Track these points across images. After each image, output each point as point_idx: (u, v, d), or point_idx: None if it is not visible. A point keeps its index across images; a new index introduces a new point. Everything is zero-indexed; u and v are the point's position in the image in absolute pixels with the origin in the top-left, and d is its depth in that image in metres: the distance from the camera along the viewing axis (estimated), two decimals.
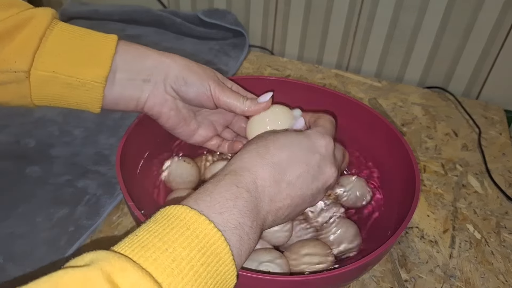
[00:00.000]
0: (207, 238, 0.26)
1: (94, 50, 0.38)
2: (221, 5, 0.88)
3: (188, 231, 0.26)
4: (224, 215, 0.28)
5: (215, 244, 0.26)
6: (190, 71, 0.40)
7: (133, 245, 0.25)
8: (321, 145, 0.36)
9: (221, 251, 0.26)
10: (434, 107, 0.72)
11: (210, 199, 0.29)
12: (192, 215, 0.27)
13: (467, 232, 0.50)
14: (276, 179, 0.33)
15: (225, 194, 0.30)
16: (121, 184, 0.38)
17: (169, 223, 0.26)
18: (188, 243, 0.25)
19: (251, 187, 0.31)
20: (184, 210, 0.27)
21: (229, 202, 0.29)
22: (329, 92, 0.54)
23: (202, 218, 0.27)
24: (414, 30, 0.75)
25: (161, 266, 0.24)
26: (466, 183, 0.57)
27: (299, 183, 0.34)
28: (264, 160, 0.33)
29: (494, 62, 0.74)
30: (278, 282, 0.33)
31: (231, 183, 0.31)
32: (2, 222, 0.46)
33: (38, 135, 0.58)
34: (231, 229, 0.28)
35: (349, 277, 0.37)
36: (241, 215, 0.29)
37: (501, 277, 0.45)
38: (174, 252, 0.25)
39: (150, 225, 0.26)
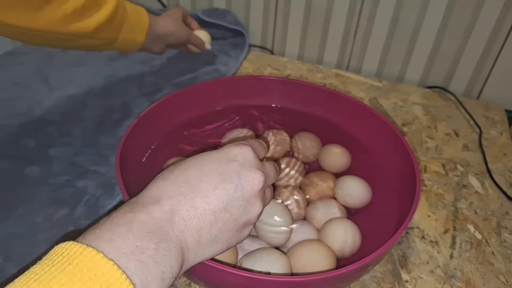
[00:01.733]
0: (95, 270, 0.22)
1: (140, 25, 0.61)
2: (221, 4, 0.88)
3: (70, 266, 0.22)
4: (115, 242, 0.24)
5: (105, 275, 0.22)
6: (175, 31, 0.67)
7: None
8: (236, 154, 0.32)
9: (115, 282, 0.22)
10: (434, 107, 0.72)
11: (99, 231, 0.25)
12: (77, 248, 0.23)
13: (468, 233, 0.50)
14: (185, 196, 0.29)
15: (117, 221, 0.26)
16: (120, 184, 0.38)
17: (50, 261, 0.23)
18: (68, 279, 0.21)
19: (151, 208, 0.27)
20: (69, 245, 0.23)
21: (121, 228, 0.25)
22: (329, 92, 0.54)
23: (88, 250, 0.23)
24: (415, 30, 0.75)
25: None
26: (466, 183, 0.57)
27: (217, 195, 0.30)
28: (167, 181, 0.30)
29: (494, 62, 0.74)
30: (278, 282, 0.33)
31: (126, 211, 0.27)
32: (1, 222, 0.46)
33: (38, 135, 0.58)
34: (126, 255, 0.24)
35: (350, 277, 0.37)
36: (139, 238, 0.25)
37: (501, 277, 0.45)
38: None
39: (30, 268, 0.23)
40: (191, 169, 0.31)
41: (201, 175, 0.30)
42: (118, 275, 0.23)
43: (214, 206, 0.30)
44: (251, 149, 0.33)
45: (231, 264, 0.38)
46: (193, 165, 0.31)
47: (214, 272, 0.32)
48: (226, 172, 0.31)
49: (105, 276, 0.22)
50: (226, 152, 0.33)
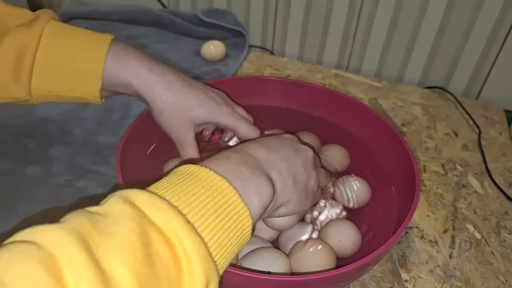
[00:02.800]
0: (209, 180, 0.29)
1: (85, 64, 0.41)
2: (221, 5, 0.88)
3: (192, 177, 0.29)
4: (220, 166, 0.31)
5: (217, 183, 0.29)
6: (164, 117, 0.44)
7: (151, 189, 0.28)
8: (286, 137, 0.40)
9: (225, 189, 0.29)
10: (434, 107, 0.72)
11: (205, 162, 0.32)
12: (195, 167, 0.30)
13: (467, 232, 0.50)
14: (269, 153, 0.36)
15: (219, 156, 0.33)
16: (120, 184, 0.38)
17: (177, 174, 0.30)
18: (192, 183, 0.28)
19: (242, 152, 0.34)
20: (189, 166, 0.30)
21: (222, 160, 0.32)
22: (329, 92, 0.54)
23: (203, 168, 0.30)
24: (414, 30, 0.75)
25: (172, 198, 0.26)
26: (466, 183, 0.57)
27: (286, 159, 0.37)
28: (255, 143, 0.37)
29: (494, 62, 0.74)
30: (278, 282, 0.33)
31: (222, 154, 0.34)
32: (2, 222, 0.46)
33: (38, 135, 0.58)
34: (230, 173, 0.30)
35: (349, 277, 0.37)
36: (237, 165, 0.32)
37: (501, 277, 0.45)
38: (179, 189, 0.27)
39: (163, 179, 0.30)
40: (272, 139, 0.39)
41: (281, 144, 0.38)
42: (226, 185, 0.29)
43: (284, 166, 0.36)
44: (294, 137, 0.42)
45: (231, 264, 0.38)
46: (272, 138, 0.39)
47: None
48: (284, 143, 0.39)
49: (218, 184, 0.29)
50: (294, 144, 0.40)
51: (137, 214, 0.24)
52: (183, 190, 0.27)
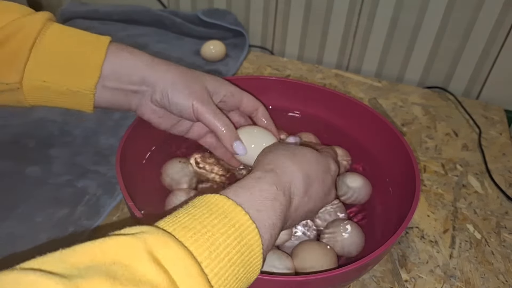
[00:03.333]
0: (243, 228, 0.27)
1: (84, 57, 0.39)
2: (221, 5, 0.88)
3: (226, 219, 0.27)
4: (261, 213, 0.30)
5: (249, 235, 0.28)
6: (175, 90, 0.40)
7: (174, 225, 0.26)
8: (333, 168, 0.39)
9: (253, 243, 0.28)
10: (434, 107, 0.72)
11: (250, 194, 0.31)
12: (229, 204, 0.28)
13: (467, 232, 0.50)
14: (305, 189, 0.35)
15: (265, 193, 0.31)
16: (121, 184, 0.38)
17: (208, 209, 0.28)
18: (225, 230, 0.27)
19: (286, 191, 0.33)
20: (222, 199, 0.29)
21: (267, 201, 0.31)
22: (329, 92, 0.54)
23: (238, 209, 0.28)
24: (414, 30, 0.75)
25: (201, 247, 0.25)
26: (466, 183, 0.57)
27: (315, 200, 0.37)
28: (298, 168, 0.35)
29: (494, 62, 0.74)
30: (278, 282, 0.33)
31: (272, 183, 0.32)
32: (2, 222, 0.46)
33: (38, 135, 0.58)
34: (265, 227, 0.29)
35: (349, 277, 0.37)
36: (276, 217, 0.31)
37: (501, 277, 0.45)
38: (212, 236, 0.26)
39: (189, 209, 0.28)
40: (311, 164, 0.36)
41: (316, 176, 0.36)
42: (257, 238, 0.28)
43: (309, 206, 0.36)
44: (338, 167, 0.41)
45: None
46: (312, 161, 0.37)
47: None
48: (325, 183, 0.38)
49: (249, 236, 0.28)
50: (329, 162, 0.39)
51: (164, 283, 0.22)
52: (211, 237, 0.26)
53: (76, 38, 0.39)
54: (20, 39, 0.37)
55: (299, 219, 0.36)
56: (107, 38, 0.40)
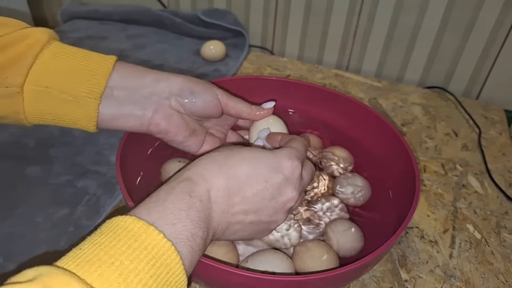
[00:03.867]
0: (156, 249, 0.25)
1: (90, 67, 0.37)
2: (221, 5, 0.88)
3: (136, 243, 0.25)
4: (176, 226, 0.28)
5: (164, 255, 0.26)
6: (194, 82, 0.41)
7: (77, 260, 0.24)
8: (287, 167, 0.35)
9: (171, 262, 0.26)
10: (434, 107, 0.72)
11: (162, 208, 0.28)
12: (140, 225, 0.26)
13: (467, 232, 0.50)
14: (230, 192, 0.32)
15: (178, 204, 0.29)
16: (121, 184, 0.38)
17: (115, 235, 0.25)
18: (136, 256, 0.24)
19: (204, 197, 0.31)
20: (132, 220, 0.26)
21: (182, 212, 0.28)
22: (329, 92, 0.54)
23: (151, 229, 0.26)
24: (414, 30, 0.75)
25: (107, 281, 0.23)
26: (466, 183, 0.57)
27: (255, 200, 0.33)
28: (221, 170, 0.32)
29: (494, 62, 0.74)
30: (278, 282, 0.33)
31: (185, 192, 0.30)
32: (2, 222, 0.46)
33: (38, 135, 0.58)
34: (183, 240, 0.27)
35: (349, 277, 0.37)
36: (194, 226, 0.29)
37: (501, 277, 0.45)
38: (121, 266, 0.24)
39: (95, 238, 0.25)
40: (243, 164, 0.33)
41: (250, 175, 0.33)
42: (174, 256, 0.26)
43: (248, 208, 0.33)
44: (300, 167, 0.35)
45: (233, 264, 0.39)
46: (246, 160, 0.34)
47: (215, 272, 0.33)
48: (270, 182, 0.34)
49: (164, 256, 0.26)
50: (279, 160, 0.35)
51: None
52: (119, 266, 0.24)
53: (82, 53, 0.39)
54: (27, 45, 0.36)
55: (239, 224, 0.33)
56: (113, 56, 0.39)
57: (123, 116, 0.39)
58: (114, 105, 0.39)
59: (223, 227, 0.33)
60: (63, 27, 0.88)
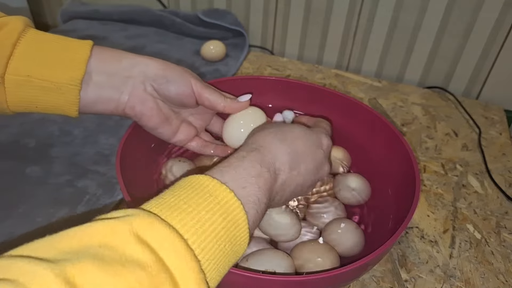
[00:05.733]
0: (228, 205, 0.28)
1: (68, 53, 0.38)
2: (221, 5, 0.88)
3: (211, 197, 0.28)
4: (246, 190, 0.31)
5: (234, 211, 0.28)
6: (170, 69, 0.41)
7: (160, 206, 0.26)
8: (324, 143, 0.40)
9: (239, 219, 0.29)
10: (434, 107, 0.72)
11: (235, 172, 0.31)
12: (214, 183, 0.29)
13: (467, 232, 0.50)
14: (291, 166, 0.36)
15: (249, 170, 0.32)
16: (121, 184, 0.38)
17: (193, 189, 0.28)
18: (211, 208, 0.27)
19: (271, 168, 0.34)
20: (207, 179, 0.29)
21: (252, 178, 0.32)
22: (329, 92, 0.54)
23: (223, 187, 0.29)
24: (414, 30, 0.75)
25: (186, 225, 0.26)
26: (466, 183, 0.57)
27: (305, 175, 0.37)
28: (283, 145, 0.36)
29: (494, 62, 0.74)
30: (278, 282, 0.33)
31: (255, 161, 0.33)
32: (2, 222, 0.46)
33: (38, 135, 0.58)
34: (250, 203, 0.30)
35: (349, 277, 0.37)
36: (261, 192, 0.32)
37: (501, 277, 0.45)
38: (198, 215, 0.26)
39: (175, 190, 0.28)
40: (298, 141, 0.37)
41: (304, 152, 0.37)
42: (242, 214, 0.29)
43: (299, 182, 0.37)
44: (331, 142, 0.41)
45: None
46: (300, 137, 0.38)
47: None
48: (316, 159, 0.38)
49: (234, 212, 0.29)
50: (319, 137, 0.40)
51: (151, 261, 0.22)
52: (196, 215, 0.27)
53: (59, 39, 0.39)
54: (3, 35, 0.36)
55: (289, 194, 0.37)
56: (90, 41, 0.40)
57: (103, 100, 0.40)
58: (94, 90, 0.39)
59: (280, 196, 0.36)
60: (63, 27, 0.88)
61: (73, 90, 0.38)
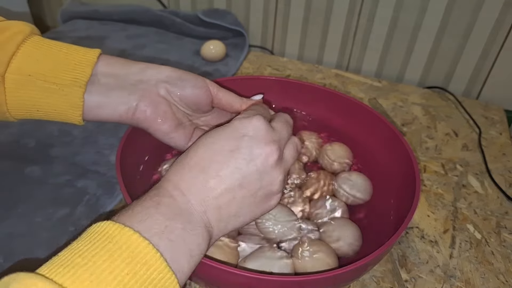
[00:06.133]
0: (132, 248, 0.25)
1: (75, 58, 0.36)
2: (221, 5, 0.88)
3: (110, 244, 0.25)
4: (146, 222, 0.27)
5: (141, 252, 0.25)
6: (182, 72, 0.40)
7: (52, 265, 0.23)
8: (246, 127, 0.32)
9: (150, 258, 0.25)
10: (434, 107, 0.72)
11: (131, 212, 0.28)
12: (115, 228, 0.26)
13: (467, 232, 0.50)
14: (200, 179, 0.30)
15: (146, 204, 0.28)
16: (121, 184, 0.38)
17: (91, 239, 0.25)
18: (109, 255, 0.24)
19: (174, 193, 0.30)
20: (107, 225, 0.26)
21: (150, 209, 0.28)
22: (329, 92, 0.54)
23: (125, 230, 0.25)
24: (414, 30, 0.75)
25: (78, 280, 0.22)
26: (466, 183, 0.57)
27: (230, 173, 0.31)
28: (182, 166, 0.32)
29: (494, 62, 0.74)
30: (278, 282, 0.33)
31: (152, 195, 0.29)
32: (2, 222, 0.46)
33: (38, 135, 0.58)
34: (157, 234, 0.26)
35: (350, 277, 0.37)
36: (167, 218, 0.27)
37: (501, 277, 0.45)
38: (93, 265, 0.23)
39: (73, 244, 0.25)
40: (201, 149, 0.32)
41: (211, 155, 0.31)
42: (152, 252, 0.25)
43: (228, 184, 0.31)
44: (261, 118, 0.33)
45: (232, 264, 0.39)
46: (204, 145, 0.32)
47: (215, 271, 0.33)
48: (236, 149, 0.31)
49: (142, 253, 0.25)
50: (236, 126, 0.33)
51: None
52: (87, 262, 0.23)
53: (66, 45, 0.38)
54: (8, 35, 0.35)
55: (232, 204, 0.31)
56: (98, 50, 0.38)
57: (110, 103, 0.37)
58: (100, 92, 0.37)
59: (215, 214, 0.30)
60: (63, 27, 0.88)
61: (77, 92, 0.36)
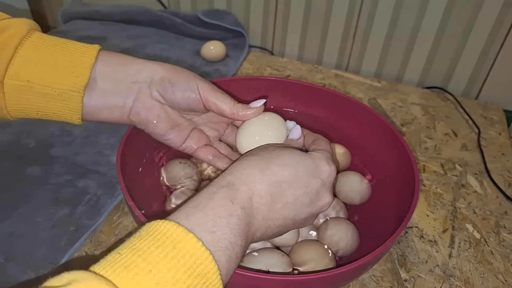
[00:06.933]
0: (194, 258, 0.25)
1: (73, 59, 0.36)
2: (221, 5, 0.88)
3: (175, 251, 0.25)
4: (216, 234, 0.27)
5: (202, 264, 0.25)
6: (176, 73, 0.39)
7: (115, 265, 0.23)
8: (325, 171, 0.35)
9: (208, 272, 0.25)
10: (433, 107, 0.72)
11: (202, 214, 0.28)
12: (179, 232, 0.26)
13: (467, 232, 0.50)
14: (273, 198, 0.32)
15: (219, 210, 0.28)
16: (121, 184, 0.38)
17: (154, 240, 0.25)
18: (173, 264, 0.24)
19: (246, 204, 0.30)
20: (171, 226, 0.26)
21: (222, 220, 0.28)
22: (329, 92, 0.54)
23: (189, 236, 0.25)
24: (414, 30, 0.76)
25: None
26: (465, 183, 0.57)
27: (295, 206, 0.33)
28: (263, 176, 0.32)
29: (493, 62, 0.74)
30: (278, 282, 0.33)
31: (226, 198, 0.29)
32: (2, 222, 0.46)
33: (38, 135, 0.58)
34: (221, 249, 0.27)
35: (349, 276, 0.37)
36: (233, 234, 0.28)
37: (500, 276, 0.45)
38: (158, 274, 0.23)
39: (134, 242, 0.25)
40: (285, 169, 0.33)
41: (291, 181, 0.33)
42: (212, 266, 0.25)
43: (287, 214, 0.33)
44: (335, 170, 0.36)
45: None
46: (288, 165, 0.33)
47: None
48: (310, 188, 0.34)
49: (202, 265, 0.25)
50: (318, 165, 0.35)
51: None
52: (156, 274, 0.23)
53: (64, 43, 0.37)
54: (5, 37, 0.35)
55: (275, 228, 0.33)
56: (97, 45, 0.38)
57: (108, 107, 0.38)
58: (99, 96, 0.37)
59: (262, 232, 0.32)
60: (64, 27, 0.88)
61: (76, 97, 0.36)
